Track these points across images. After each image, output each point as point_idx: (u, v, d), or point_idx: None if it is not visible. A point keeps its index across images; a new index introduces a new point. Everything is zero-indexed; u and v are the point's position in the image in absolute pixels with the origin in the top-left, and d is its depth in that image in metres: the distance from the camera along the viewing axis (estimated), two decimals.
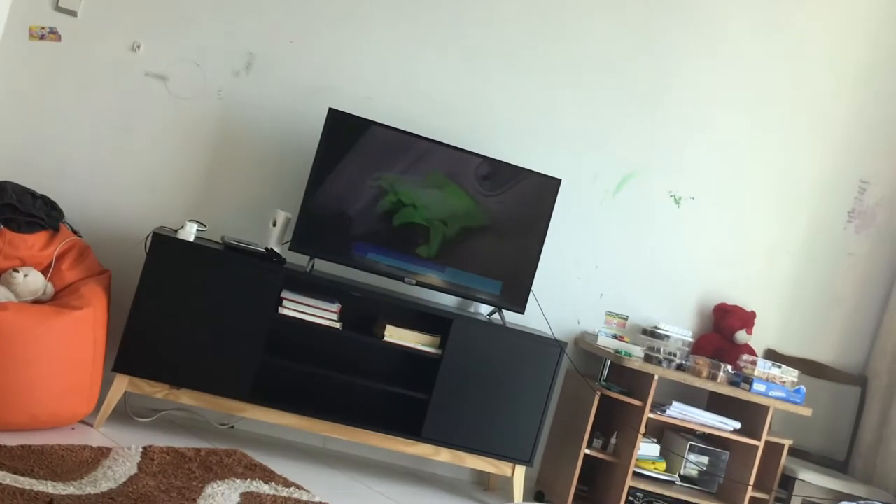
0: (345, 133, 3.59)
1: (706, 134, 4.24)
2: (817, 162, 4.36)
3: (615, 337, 3.97)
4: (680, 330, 3.96)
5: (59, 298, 3.27)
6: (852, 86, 4.37)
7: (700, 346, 4.14)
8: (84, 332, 3.13)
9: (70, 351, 3.09)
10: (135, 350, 3.34)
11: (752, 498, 3.85)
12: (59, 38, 3.60)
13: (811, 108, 4.33)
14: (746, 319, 4.13)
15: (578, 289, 4.14)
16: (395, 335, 3.58)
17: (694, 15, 4.19)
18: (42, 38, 3.59)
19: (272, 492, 3.06)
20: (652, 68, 4.16)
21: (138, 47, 3.68)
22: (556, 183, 3.78)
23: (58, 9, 3.60)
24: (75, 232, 3.50)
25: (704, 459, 3.95)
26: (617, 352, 3.81)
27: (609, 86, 4.12)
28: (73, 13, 3.61)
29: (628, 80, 4.14)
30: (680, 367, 3.83)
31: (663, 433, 4.07)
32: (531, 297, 3.83)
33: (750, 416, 3.86)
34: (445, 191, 3.68)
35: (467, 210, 3.71)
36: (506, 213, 3.74)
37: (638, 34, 4.14)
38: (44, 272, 3.29)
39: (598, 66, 4.11)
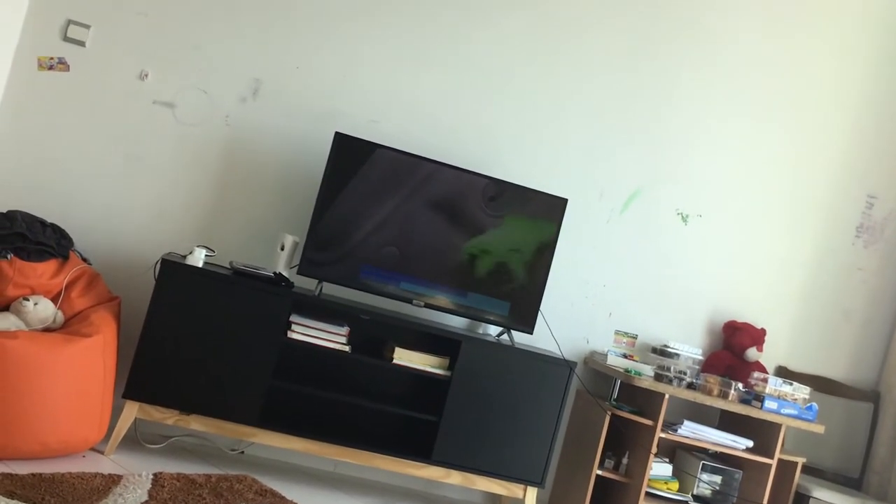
0: (351, 156, 3.61)
1: (712, 151, 4.24)
2: (824, 177, 4.35)
3: (625, 356, 3.96)
4: (690, 348, 3.94)
5: (69, 326, 3.28)
6: (858, 100, 4.37)
7: (710, 363, 4.12)
8: (94, 360, 3.14)
9: (80, 378, 3.10)
10: (145, 376, 3.34)
11: None
12: (67, 68, 3.64)
13: (817, 124, 4.33)
14: (757, 337, 4.11)
15: (587, 308, 4.13)
16: (404, 357, 3.58)
17: (698, 32, 4.20)
18: (51, 68, 3.63)
19: None
20: (657, 86, 4.17)
21: (146, 76, 3.72)
22: (562, 202, 3.79)
23: (66, 39, 3.64)
24: (85, 259, 3.52)
25: (717, 479, 3.91)
26: (627, 371, 3.80)
27: (614, 104, 4.14)
28: (81, 43, 3.65)
29: (633, 98, 4.15)
30: (691, 386, 3.82)
31: (675, 453, 4.04)
32: (539, 317, 3.83)
33: (762, 434, 3.84)
34: (452, 213, 3.69)
35: (472, 231, 3.71)
36: (513, 234, 3.75)
37: (642, 53, 4.15)
38: (54, 300, 3.31)
39: (603, 85, 4.12)
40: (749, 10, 4.24)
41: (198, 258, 3.44)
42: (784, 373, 4.27)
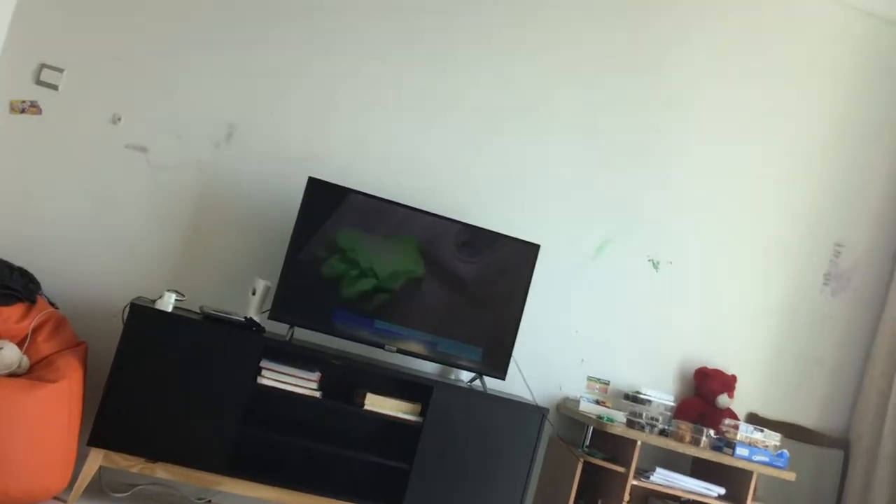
0: (324, 201, 3.62)
1: (683, 199, 4.29)
2: (792, 226, 4.41)
3: (597, 402, 3.96)
4: (662, 394, 3.95)
5: (35, 371, 3.22)
6: (824, 151, 4.45)
7: (682, 410, 4.12)
8: (59, 406, 3.08)
9: (45, 425, 3.04)
10: (110, 423, 3.28)
11: None
12: (39, 112, 3.63)
13: (785, 174, 4.41)
14: (727, 383, 4.13)
15: (559, 354, 4.13)
16: (376, 403, 3.55)
17: (669, 85, 4.28)
18: (23, 111, 3.62)
19: None
20: (629, 135, 4.23)
21: (119, 119, 3.72)
22: (535, 249, 3.81)
23: (39, 83, 3.64)
24: (52, 304, 3.48)
25: None
26: (599, 417, 3.79)
27: (586, 152, 4.19)
28: (54, 87, 3.65)
29: (605, 146, 4.21)
30: (663, 433, 3.82)
31: (648, 500, 4.02)
32: (512, 362, 3.82)
33: (734, 481, 3.83)
34: (421, 258, 3.70)
35: (444, 277, 3.72)
36: (485, 279, 3.76)
37: (613, 103, 4.22)
38: (20, 345, 3.26)
39: (575, 133, 4.18)
40: (716, 63, 4.34)
41: (167, 303, 3.40)
42: (755, 419, 4.28)
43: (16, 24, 3.62)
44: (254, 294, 3.59)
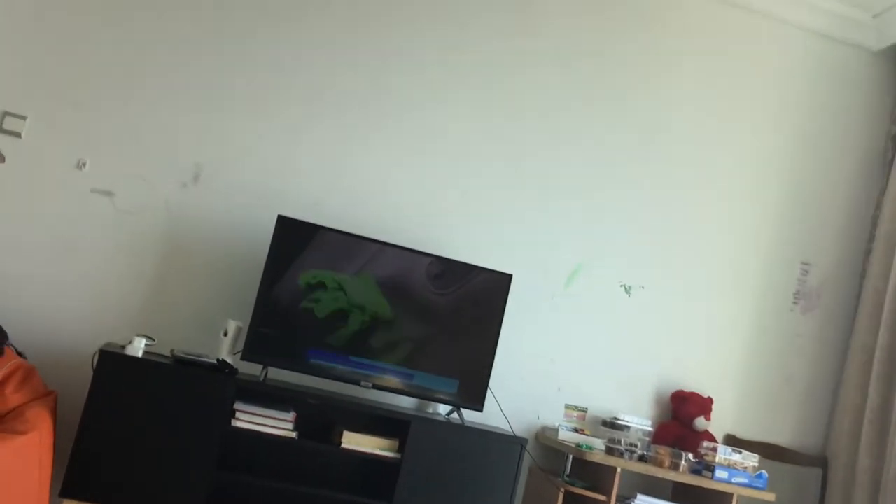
0: (294, 239, 3.60)
1: (651, 224, 4.32)
2: (759, 247, 4.46)
3: (575, 430, 3.95)
4: (639, 419, 3.95)
5: (3, 423, 3.15)
6: (787, 169, 4.52)
7: (660, 435, 4.12)
8: (29, 458, 3.02)
9: (15, 478, 2.97)
10: (82, 473, 3.22)
11: None
12: (2, 160, 3.59)
13: (751, 194, 4.46)
14: (704, 405, 4.14)
15: (536, 383, 4.13)
16: (353, 441, 3.52)
17: (636, 110, 4.33)
18: None
19: None
20: (596, 161, 4.27)
21: (83, 165, 3.69)
22: (507, 278, 3.81)
23: (1, 131, 3.61)
24: (20, 354, 3.42)
25: None
26: (578, 445, 3.78)
27: (555, 179, 4.21)
28: (17, 134, 3.62)
29: (573, 173, 4.24)
30: (642, 458, 3.81)
31: None
32: (489, 394, 3.81)
33: None
34: (398, 292, 3.69)
35: (417, 310, 3.71)
36: (459, 311, 3.75)
37: (581, 129, 4.26)
38: None
39: (544, 160, 4.20)
40: (680, 89, 4.40)
41: (137, 348, 3.36)
42: (732, 441, 4.29)
43: None
44: (225, 335, 3.55)
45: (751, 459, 3.85)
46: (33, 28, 3.66)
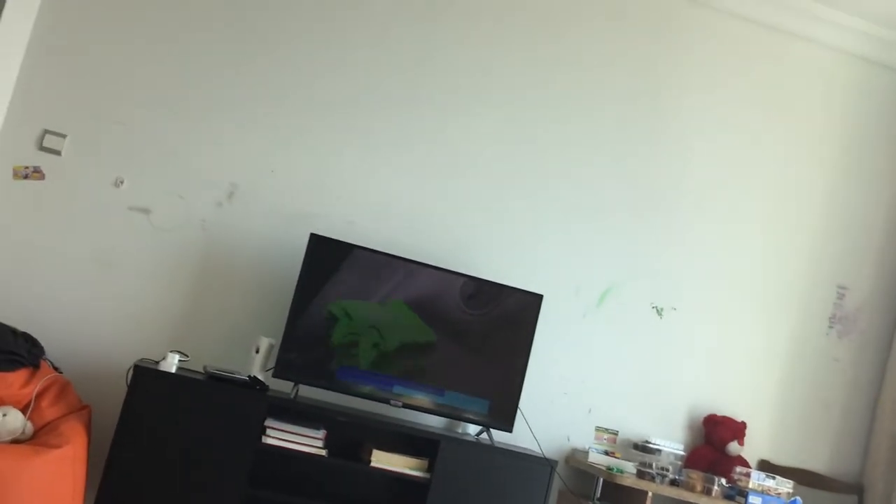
0: (327, 257, 3.63)
1: (684, 246, 4.30)
2: (795, 269, 4.41)
3: (606, 453, 3.91)
4: (671, 443, 3.91)
5: (39, 437, 3.20)
6: (824, 192, 4.47)
7: (693, 459, 4.08)
8: (63, 472, 3.05)
9: (49, 492, 3.00)
10: (115, 487, 3.25)
11: None
12: (42, 177, 3.67)
13: (787, 217, 4.42)
14: (737, 430, 4.09)
15: (566, 404, 4.10)
16: (383, 460, 3.52)
17: (673, 132, 4.32)
18: (26, 177, 3.66)
19: None
20: (632, 183, 4.25)
21: (121, 182, 3.75)
22: (538, 299, 3.80)
23: (42, 148, 3.68)
24: (56, 368, 3.47)
25: None
26: (609, 469, 3.75)
27: (589, 199, 4.20)
28: (57, 152, 3.69)
29: (608, 193, 4.23)
30: (674, 483, 3.77)
31: None
32: (519, 414, 3.79)
33: None
34: (430, 311, 3.69)
35: (452, 329, 3.71)
36: (490, 331, 3.75)
37: (617, 150, 4.25)
38: (24, 410, 3.24)
39: (578, 180, 4.20)
40: (718, 111, 4.37)
41: (171, 364, 3.40)
42: (766, 466, 4.23)
43: (19, 90, 3.67)
44: (257, 352, 3.58)
45: (785, 485, 3.79)
46: (74, 47, 3.74)
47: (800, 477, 4.18)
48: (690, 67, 4.37)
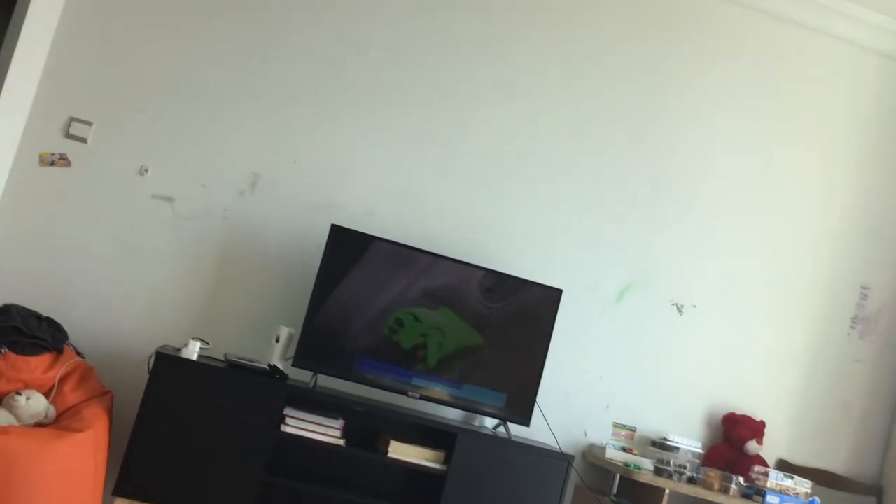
0: (347, 248, 3.64)
1: (705, 242, 4.28)
2: (817, 269, 4.38)
3: (623, 449, 3.91)
4: (689, 441, 3.90)
5: (61, 421, 3.24)
6: (849, 193, 4.44)
7: (710, 457, 4.07)
8: (84, 456, 3.09)
9: (70, 475, 3.04)
10: (135, 473, 3.29)
11: None
12: (68, 164, 3.70)
13: (810, 216, 4.39)
14: (756, 429, 4.07)
15: (584, 400, 4.10)
16: (399, 451, 3.53)
17: (690, 125, 4.30)
18: (52, 163, 3.69)
19: None
20: (651, 179, 4.24)
21: (146, 171, 3.78)
22: (557, 294, 3.80)
23: (68, 136, 3.72)
24: (79, 353, 3.50)
25: None
26: (626, 465, 3.74)
27: (609, 194, 4.19)
28: (83, 140, 3.73)
29: (627, 189, 4.21)
30: (691, 480, 3.76)
31: None
32: (536, 409, 3.79)
33: None
34: (449, 304, 3.70)
35: (469, 323, 3.71)
36: (509, 325, 3.75)
37: (637, 147, 4.23)
38: (47, 394, 3.28)
39: (598, 176, 4.19)
40: (738, 109, 4.35)
41: (192, 351, 3.42)
42: (785, 466, 4.21)
43: (46, 78, 3.71)
44: (277, 341, 3.60)
45: (803, 485, 3.77)
46: (101, 35, 3.77)
47: (818, 477, 4.15)
48: (711, 63, 4.34)
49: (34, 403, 3.20)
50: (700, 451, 3.91)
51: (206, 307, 3.79)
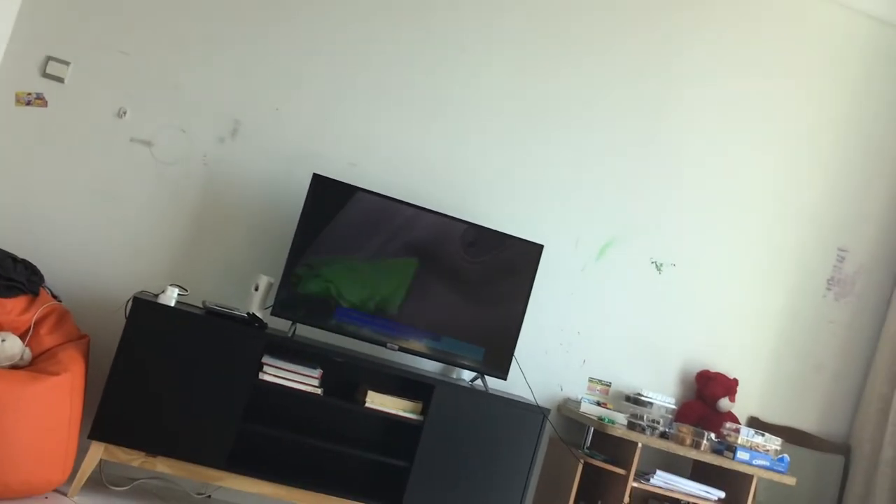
0: (329, 199, 3.61)
1: (686, 202, 4.29)
2: (796, 230, 4.41)
3: (598, 404, 3.95)
4: (663, 397, 3.94)
5: (37, 364, 3.22)
6: (828, 155, 4.45)
7: (683, 413, 4.12)
8: (60, 399, 3.08)
9: (46, 418, 3.04)
10: (111, 417, 3.29)
11: None
12: (45, 104, 3.63)
13: (788, 178, 4.40)
14: (729, 387, 4.13)
15: (561, 355, 4.13)
16: (377, 401, 3.55)
17: (671, 89, 4.28)
18: (28, 103, 3.62)
19: None
20: (634, 137, 4.23)
21: (124, 113, 3.72)
22: (538, 249, 3.80)
23: (45, 75, 3.64)
24: (55, 297, 3.47)
25: None
26: (600, 419, 3.79)
27: (591, 152, 4.18)
28: (60, 80, 3.65)
29: (610, 147, 4.20)
30: (663, 435, 3.81)
31: (647, 502, 4.02)
32: (514, 363, 3.82)
33: (734, 485, 3.83)
34: (430, 257, 3.69)
35: (448, 275, 3.71)
36: (489, 279, 3.75)
37: (620, 104, 4.21)
38: (22, 337, 3.26)
39: (580, 135, 4.17)
40: (719, 68, 4.33)
41: (170, 297, 3.40)
42: (756, 423, 4.28)
43: (22, 17, 3.62)
44: (256, 290, 3.58)
45: (773, 443, 3.84)
46: None
47: (788, 435, 4.23)
48: (699, 23, 4.31)
49: (9, 346, 3.18)
50: (673, 406, 3.96)
51: (184, 253, 3.76)
